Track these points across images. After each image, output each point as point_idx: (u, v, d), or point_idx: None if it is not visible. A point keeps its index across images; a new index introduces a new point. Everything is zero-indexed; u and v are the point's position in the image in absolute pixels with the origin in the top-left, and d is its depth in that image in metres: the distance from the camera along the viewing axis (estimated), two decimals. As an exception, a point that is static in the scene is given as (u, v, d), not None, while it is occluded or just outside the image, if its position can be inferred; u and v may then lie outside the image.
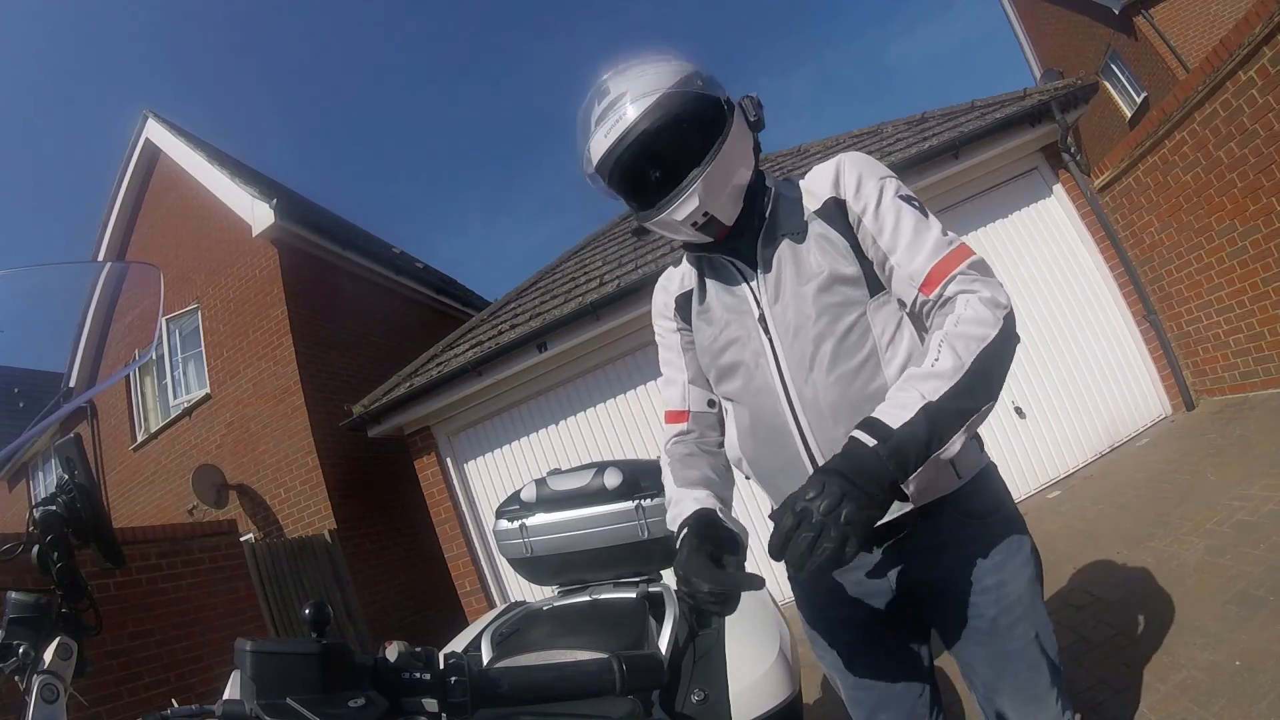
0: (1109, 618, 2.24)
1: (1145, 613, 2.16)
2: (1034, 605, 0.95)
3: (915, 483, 0.74)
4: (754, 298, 1.00)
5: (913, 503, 0.80)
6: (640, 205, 0.98)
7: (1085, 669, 2.02)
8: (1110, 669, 1.95)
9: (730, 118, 0.94)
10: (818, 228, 0.97)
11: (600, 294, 4.59)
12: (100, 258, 7.71)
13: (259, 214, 6.36)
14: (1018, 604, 0.93)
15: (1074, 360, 4.32)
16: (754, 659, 1.27)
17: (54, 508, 0.81)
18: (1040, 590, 0.96)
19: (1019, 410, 4.31)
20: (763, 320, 0.99)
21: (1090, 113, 5.03)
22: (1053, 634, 0.97)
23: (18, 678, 0.70)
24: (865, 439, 0.74)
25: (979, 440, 0.99)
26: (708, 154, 0.91)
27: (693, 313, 1.10)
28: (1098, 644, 2.11)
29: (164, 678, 3.40)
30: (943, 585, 0.95)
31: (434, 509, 5.04)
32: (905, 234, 0.91)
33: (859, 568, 0.99)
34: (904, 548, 0.96)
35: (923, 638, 1.05)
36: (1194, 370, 4.21)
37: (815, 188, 1.00)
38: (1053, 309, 4.38)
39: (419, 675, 0.65)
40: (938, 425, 0.74)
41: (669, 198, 0.92)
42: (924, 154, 4.28)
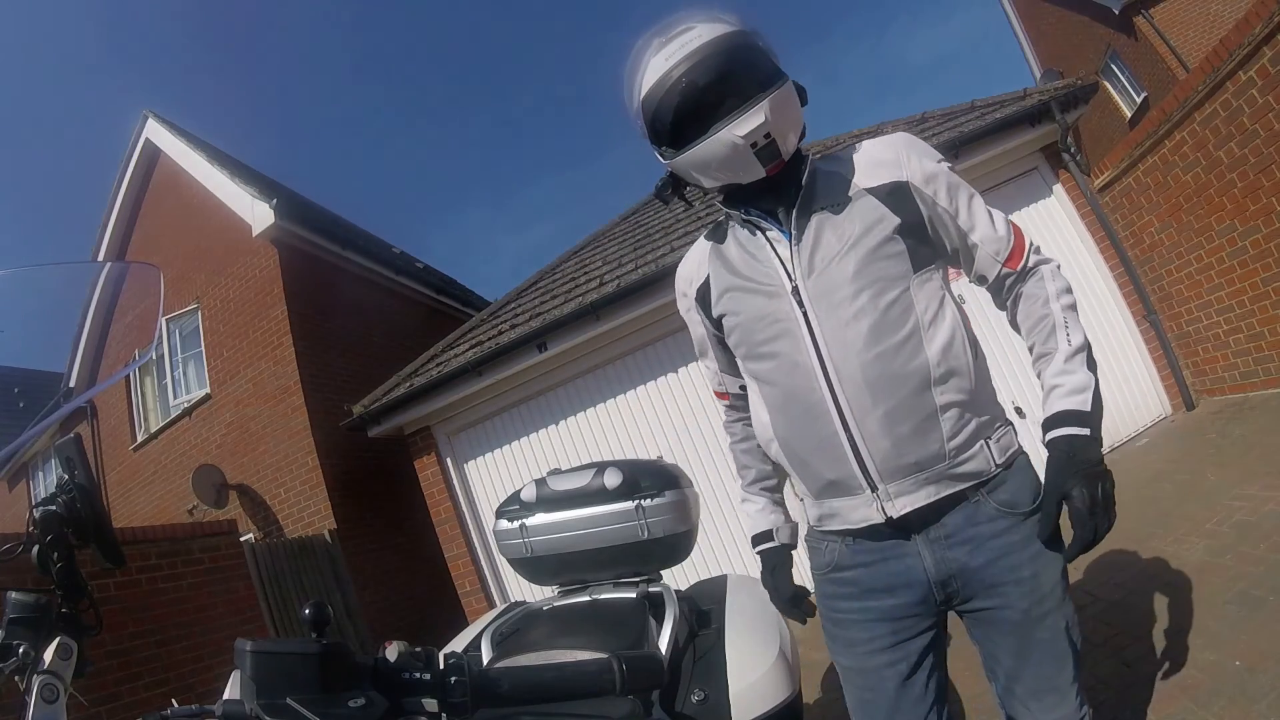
0: (1109, 618, 2.24)
1: (1145, 613, 2.16)
2: (1065, 597, 0.96)
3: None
4: (786, 271, 0.98)
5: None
6: (686, 138, 0.94)
7: (1085, 669, 2.01)
8: (1110, 669, 1.95)
9: (786, 78, 0.95)
10: (865, 202, 0.97)
11: (600, 294, 4.59)
12: (100, 258, 7.71)
13: (259, 214, 6.36)
14: (1050, 596, 0.94)
15: (1074, 360, 4.32)
16: (754, 659, 1.27)
17: (54, 508, 0.81)
18: (1067, 582, 0.97)
19: (1019, 410, 4.30)
20: (796, 293, 0.96)
21: (1090, 113, 5.03)
22: (1079, 627, 0.98)
23: (18, 678, 0.70)
24: (1078, 430, 0.89)
25: (1013, 427, 1.02)
26: (776, 81, 0.92)
27: (712, 300, 1.08)
28: (1098, 644, 2.11)
29: (164, 678, 3.40)
30: (980, 574, 0.94)
31: (434, 509, 5.04)
32: (980, 213, 1.00)
33: (897, 556, 0.97)
34: (942, 536, 0.95)
35: (943, 639, 1.04)
36: (1194, 370, 4.21)
37: (868, 165, 1.00)
38: (1053, 309, 4.37)
39: (419, 675, 0.65)
40: (1099, 388, 0.91)
41: (735, 112, 0.89)
42: (924, 154, 4.27)
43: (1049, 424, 0.93)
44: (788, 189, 0.99)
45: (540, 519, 1.67)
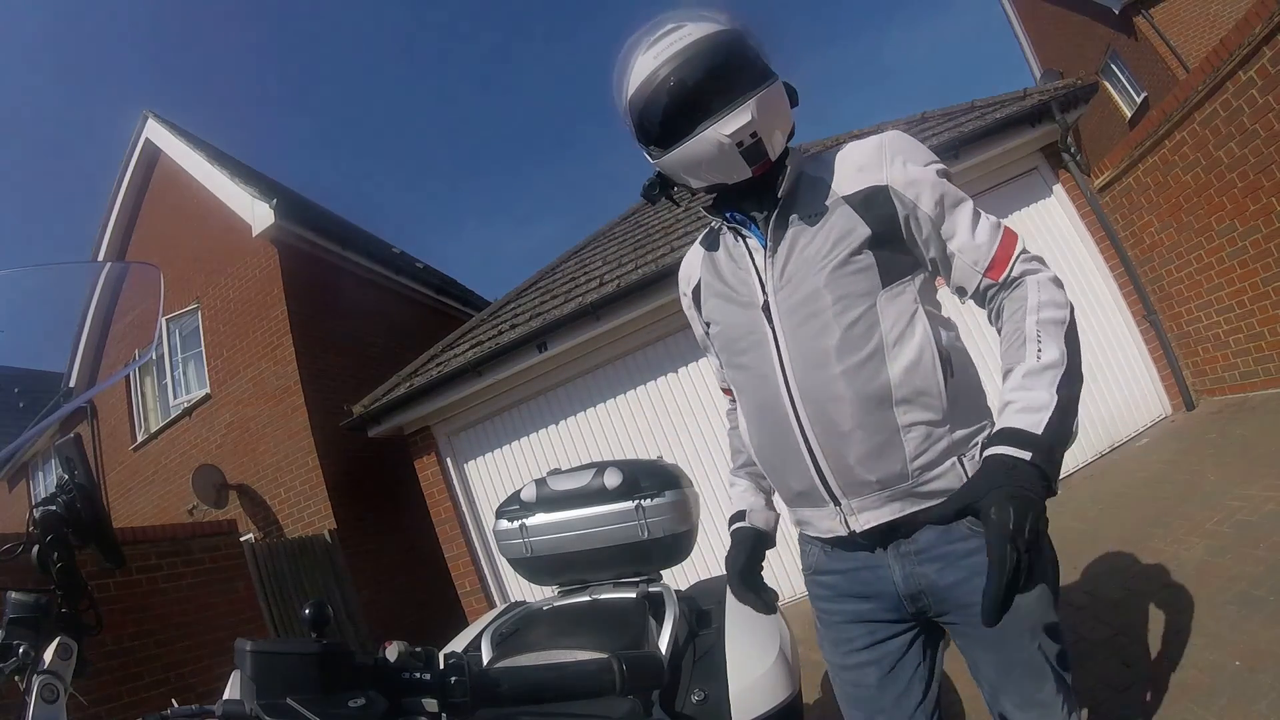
0: (1109, 618, 2.24)
1: (1145, 613, 2.16)
2: (1044, 615, 0.92)
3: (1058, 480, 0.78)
4: (760, 282, 0.97)
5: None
6: (674, 137, 0.93)
7: (1085, 669, 2.01)
8: (1110, 669, 1.95)
9: (774, 78, 0.94)
10: (841, 212, 0.94)
11: (600, 294, 4.59)
12: (100, 258, 7.71)
13: (259, 214, 6.36)
14: (1026, 615, 0.90)
15: (1074, 360, 4.32)
16: (754, 659, 1.27)
17: (54, 508, 0.81)
18: (1054, 599, 0.94)
19: (1019, 410, 4.31)
20: (766, 307, 0.96)
21: (1090, 113, 5.03)
22: (1064, 643, 0.95)
23: (18, 678, 0.70)
24: (1019, 454, 0.75)
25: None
26: (764, 81, 0.91)
27: (702, 303, 1.10)
28: (1098, 644, 2.11)
29: (164, 678, 3.40)
30: (950, 592, 0.93)
31: (434, 509, 5.04)
32: (963, 220, 0.92)
33: (868, 566, 0.97)
34: (912, 551, 0.94)
35: (933, 640, 1.03)
36: (1194, 370, 4.21)
37: (850, 170, 0.96)
38: (1053, 309, 4.38)
39: (419, 675, 0.65)
40: (1067, 416, 0.78)
41: (721, 110, 0.89)
42: (924, 154, 4.27)
43: (988, 441, 0.81)
44: (770, 195, 0.97)
45: (540, 519, 1.67)
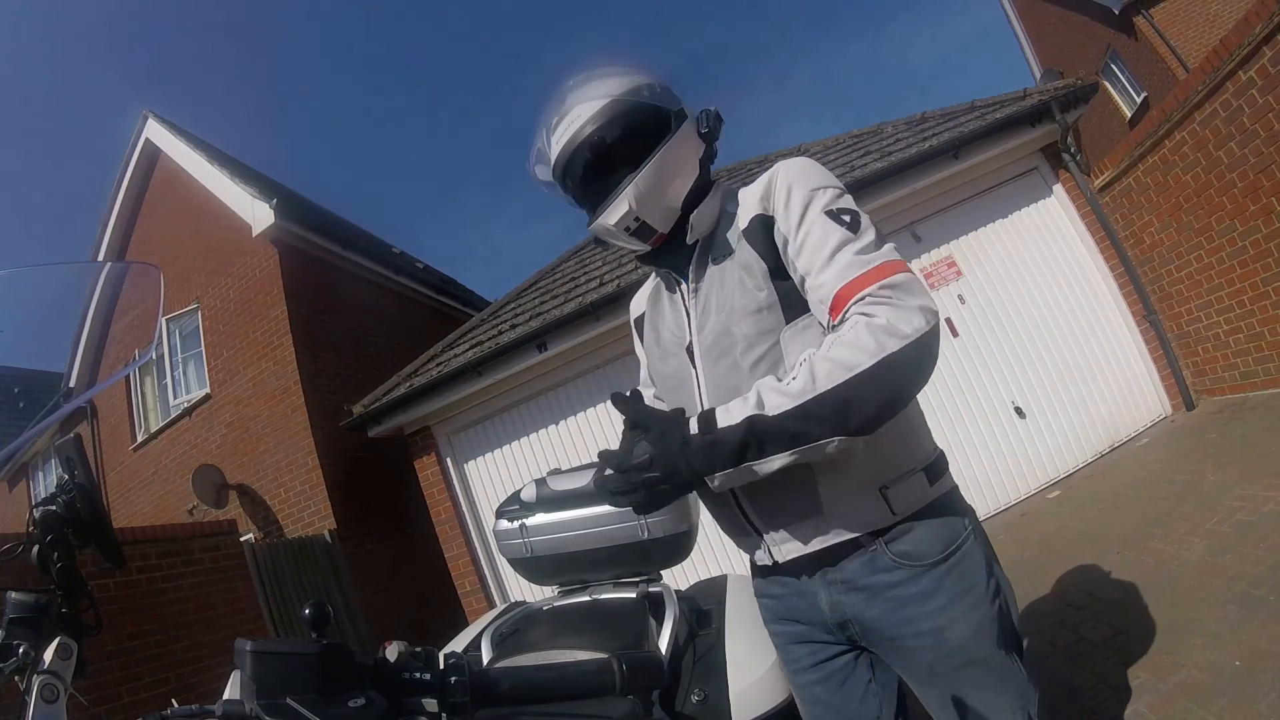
0: (1109, 618, 2.24)
1: (1145, 613, 2.16)
2: (982, 653, 0.87)
3: (720, 480, 0.77)
4: (687, 324, 0.99)
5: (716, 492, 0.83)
6: (592, 209, 0.98)
7: (1085, 669, 2.02)
8: (1110, 669, 1.95)
9: (676, 128, 0.95)
10: (742, 248, 0.93)
11: (600, 294, 4.59)
12: (100, 258, 7.71)
13: (259, 214, 6.36)
14: (959, 652, 0.86)
15: (1074, 360, 4.32)
16: (754, 659, 1.27)
17: (54, 508, 0.81)
18: (997, 633, 0.88)
19: (1019, 410, 4.31)
20: (690, 349, 0.98)
21: (1090, 113, 5.03)
22: (1013, 680, 0.89)
23: (18, 678, 0.70)
24: (693, 426, 0.77)
25: (930, 476, 0.91)
26: (643, 162, 0.92)
27: (644, 336, 1.13)
28: (1098, 644, 2.11)
29: (164, 678, 3.40)
30: (876, 625, 0.90)
31: (434, 509, 5.04)
32: (824, 252, 0.83)
33: (798, 593, 0.97)
34: (839, 580, 0.92)
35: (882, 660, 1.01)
36: (1194, 370, 4.21)
37: (752, 201, 0.95)
38: (1053, 309, 4.38)
39: (419, 675, 0.65)
40: (761, 439, 0.74)
41: (604, 202, 0.93)
42: (924, 154, 4.28)
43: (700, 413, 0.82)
44: (686, 246, 0.98)
45: (540, 519, 1.67)
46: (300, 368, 6.01)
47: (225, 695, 0.67)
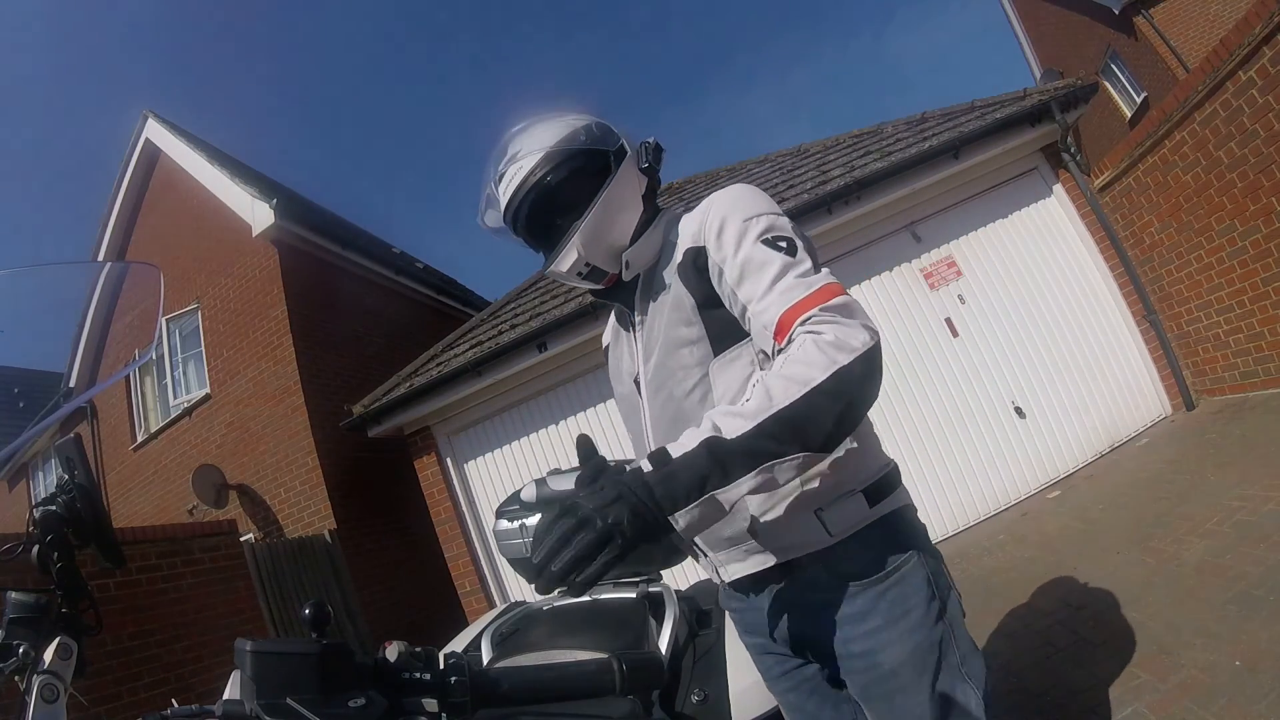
0: (1109, 618, 2.24)
1: (1145, 613, 2.16)
2: (915, 680, 0.85)
3: (686, 518, 0.67)
4: (635, 357, 1.02)
5: (686, 540, 0.72)
6: (545, 256, 1.02)
7: (1085, 669, 2.02)
8: (1110, 669, 1.95)
9: (615, 167, 0.97)
10: (675, 286, 0.94)
11: (600, 294, 4.59)
12: (100, 258, 7.71)
13: (259, 214, 6.36)
14: (892, 677, 0.85)
15: (1074, 360, 4.32)
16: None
17: (54, 508, 0.81)
18: (935, 664, 0.85)
19: (1019, 410, 4.31)
20: (637, 381, 1.01)
21: (1090, 113, 5.03)
22: (954, 709, 0.85)
23: (18, 678, 0.70)
24: (645, 465, 0.69)
25: (871, 497, 0.90)
26: (586, 209, 0.94)
27: (609, 363, 1.15)
28: (1098, 644, 2.11)
29: (164, 678, 3.40)
30: (815, 644, 0.92)
31: (434, 509, 5.04)
32: (764, 280, 0.82)
33: (751, 609, 0.99)
34: (783, 598, 0.94)
35: None
36: (1194, 370, 4.21)
37: (687, 233, 0.94)
38: (1053, 309, 4.38)
39: (419, 675, 0.65)
40: (722, 464, 0.67)
41: (554, 251, 0.97)
42: (924, 154, 4.28)
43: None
44: (632, 284, 1.01)
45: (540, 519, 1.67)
46: (300, 368, 6.01)
47: (225, 695, 0.67)
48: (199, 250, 7.01)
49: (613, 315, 1.16)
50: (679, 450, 0.68)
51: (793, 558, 0.90)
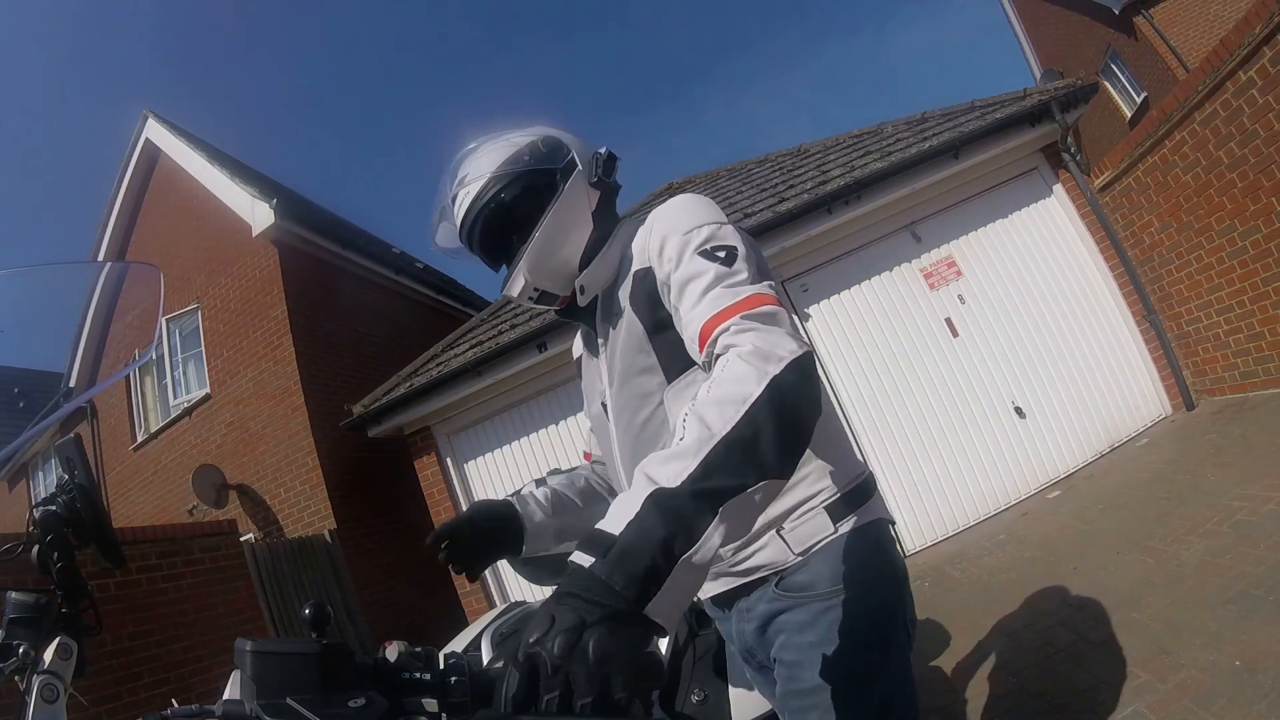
0: (1109, 618, 2.24)
1: (1145, 613, 2.16)
2: (827, 706, 0.82)
3: (663, 603, 0.51)
4: (603, 378, 1.00)
5: (668, 627, 0.54)
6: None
7: (1085, 669, 2.02)
8: (1110, 669, 1.95)
9: (562, 185, 0.94)
10: (627, 312, 0.91)
11: (600, 294, 4.59)
12: (100, 258, 7.71)
13: (259, 214, 6.36)
14: (809, 694, 0.83)
15: (1074, 360, 4.32)
16: (754, 659, 1.27)
17: (54, 508, 0.81)
18: (855, 694, 0.82)
19: (1019, 410, 4.31)
20: (604, 404, 1.00)
21: (1090, 113, 5.03)
22: None
23: (18, 678, 0.70)
24: (582, 559, 0.52)
25: (834, 514, 0.87)
26: (532, 231, 0.92)
27: (581, 378, 1.15)
28: (1098, 644, 2.11)
29: (164, 678, 3.40)
30: (759, 648, 0.93)
31: (434, 509, 5.04)
32: (697, 290, 0.78)
33: (723, 620, 1.00)
34: (745, 610, 0.94)
35: None
36: (1194, 370, 4.21)
37: (634, 253, 0.91)
38: (1053, 309, 4.38)
39: (419, 675, 0.65)
40: (678, 519, 0.53)
41: (506, 277, 0.97)
42: (924, 154, 4.28)
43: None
44: (592, 306, 0.99)
45: (540, 519, 1.66)
46: (300, 368, 6.01)
47: (225, 695, 0.67)
48: (199, 250, 7.01)
49: (579, 332, 1.15)
50: (617, 523, 0.54)
51: (758, 577, 0.90)
